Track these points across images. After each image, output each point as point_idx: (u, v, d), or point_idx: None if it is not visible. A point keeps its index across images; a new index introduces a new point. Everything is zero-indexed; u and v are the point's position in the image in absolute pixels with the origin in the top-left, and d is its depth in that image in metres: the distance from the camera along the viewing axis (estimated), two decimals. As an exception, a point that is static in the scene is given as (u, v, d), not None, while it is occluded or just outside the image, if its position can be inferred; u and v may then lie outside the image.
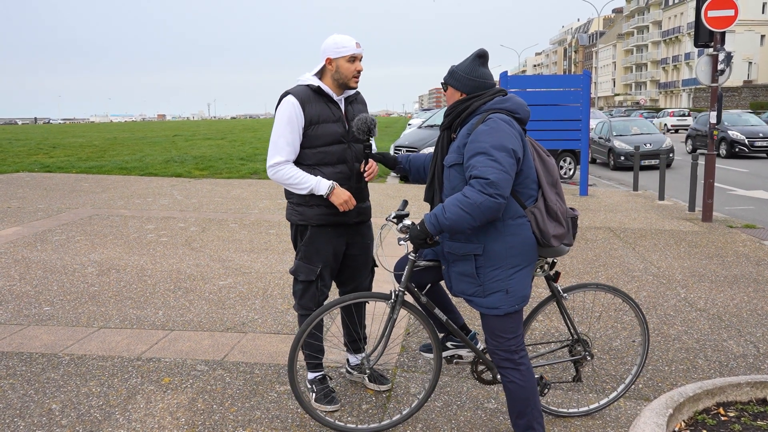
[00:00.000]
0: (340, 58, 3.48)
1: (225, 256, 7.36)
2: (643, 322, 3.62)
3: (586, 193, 12.98)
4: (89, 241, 8.07)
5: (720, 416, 2.25)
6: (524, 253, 2.90)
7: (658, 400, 2.23)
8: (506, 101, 2.93)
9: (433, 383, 3.40)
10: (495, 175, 2.68)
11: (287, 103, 3.48)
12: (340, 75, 3.51)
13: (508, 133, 2.79)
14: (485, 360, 3.31)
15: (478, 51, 2.98)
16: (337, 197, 3.46)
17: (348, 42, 3.49)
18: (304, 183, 3.46)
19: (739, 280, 6.56)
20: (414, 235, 2.92)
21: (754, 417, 2.25)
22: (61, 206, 10.86)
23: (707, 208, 9.95)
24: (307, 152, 3.52)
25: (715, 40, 9.78)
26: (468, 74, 2.96)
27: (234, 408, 3.70)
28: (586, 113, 12.71)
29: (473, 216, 2.71)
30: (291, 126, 3.47)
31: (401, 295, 3.17)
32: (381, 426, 3.39)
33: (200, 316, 5.26)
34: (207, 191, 13.06)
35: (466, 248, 2.92)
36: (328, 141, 3.51)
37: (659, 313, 5.48)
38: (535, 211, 2.90)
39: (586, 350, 3.50)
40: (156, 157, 20.73)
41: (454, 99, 3.02)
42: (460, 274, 2.97)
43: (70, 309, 5.42)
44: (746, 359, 4.51)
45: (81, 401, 3.76)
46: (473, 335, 3.39)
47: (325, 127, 3.50)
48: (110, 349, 4.55)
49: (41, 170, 16.97)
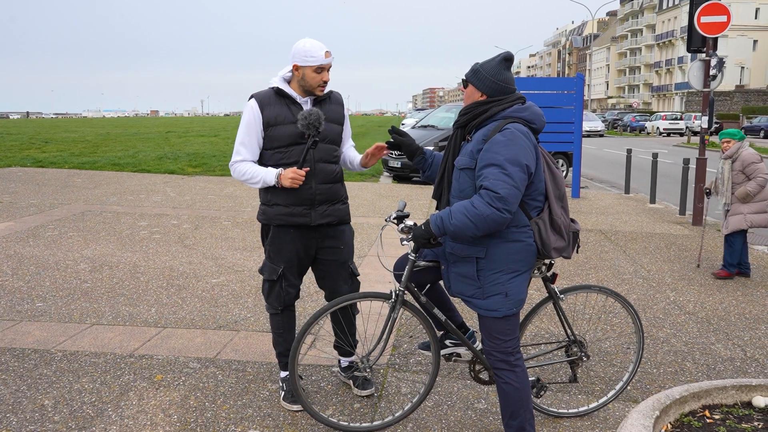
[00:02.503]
0: (307, 67, 3.46)
1: (218, 253, 7.37)
2: (639, 325, 3.67)
3: (578, 195, 13.05)
4: (82, 237, 8.06)
5: (705, 419, 2.30)
6: (525, 259, 2.94)
7: (645, 402, 2.27)
8: (525, 110, 2.93)
9: (431, 382, 3.43)
10: (505, 191, 2.71)
11: (247, 106, 3.57)
12: (305, 82, 3.52)
13: (524, 146, 2.80)
14: (483, 360, 3.35)
15: (504, 54, 2.97)
16: (284, 179, 3.45)
17: (317, 51, 3.44)
18: (256, 176, 3.52)
19: (728, 284, 6.63)
20: (418, 234, 2.95)
21: (738, 420, 2.30)
22: (53, 202, 10.84)
23: (697, 212, 10.03)
24: (266, 153, 3.58)
25: (707, 46, 9.86)
26: (492, 76, 2.93)
27: (226, 406, 3.72)
28: (579, 116, 12.79)
29: (478, 226, 2.74)
30: (248, 128, 3.54)
31: (401, 295, 3.21)
32: (373, 426, 3.41)
33: (193, 314, 5.27)
34: (200, 188, 13.05)
35: (468, 250, 2.95)
36: (285, 142, 3.52)
37: (648, 316, 5.53)
38: (539, 222, 2.93)
39: (582, 351, 3.55)
40: (149, 154, 20.70)
41: (474, 99, 3.00)
42: (461, 275, 3.01)
43: (62, 305, 5.43)
44: (733, 362, 4.56)
45: (73, 397, 3.77)
46: (471, 334, 3.44)
47: (282, 128, 3.51)
48: (103, 345, 4.57)
49: (33, 165, 16.92)
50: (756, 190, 6.65)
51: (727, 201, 6.84)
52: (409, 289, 3.24)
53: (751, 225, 6.70)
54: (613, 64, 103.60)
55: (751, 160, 6.67)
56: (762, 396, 2.40)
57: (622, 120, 56.50)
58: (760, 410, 2.37)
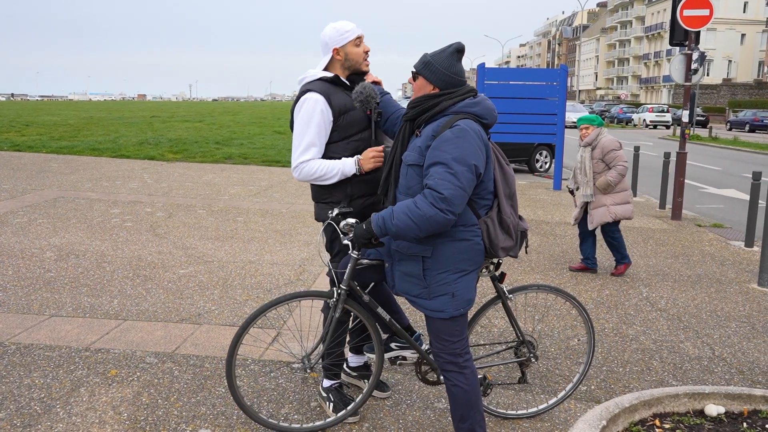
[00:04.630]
0: (347, 44, 3.35)
1: (189, 243, 7.25)
2: (588, 321, 3.59)
3: (559, 187, 13.00)
4: (51, 225, 7.90)
5: (655, 428, 2.22)
6: (472, 258, 2.84)
7: (593, 410, 2.19)
8: (476, 105, 2.81)
9: (372, 384, 3.34)
10: (449, 191, 2.60)
11: (311, 101, 3.27)
12: (350, 61, 3.37)
13: (473, 145, 2.68)
14: (429, 360, 3.26)
15: (456, 45, 2.85)
16: (366, 162, 3.29)
17: (348, 25, 3.35)
18: (332, 170, 3.28)
19: (702, 280, 6.59)
20: (359, 234, 2.84)
21: (689, 429, 2.22)
22: (26, 187, 10.64)
23: (677, 206, 10.00)
24: (341, 144, 3.34)
25: (689, 39, 9.79)
26: (445, 69, 2.82)
27: (179, 403, 3.62)
28: (563, 107, 12.71)
29: (420, 227, 2.64)
30: (318, 125, 3.27)
31: (343, 294, 3.11)
32: (315, 426, 3.32)
33: (156, 306, 5.16)
34: (178, 175, 12.88)
35: (414, 248, 2.85)
36: (360, 127, 3.37)
37: (619, 313, 5.48)
38: (488, 221, 2.83)
39: (531, 352, 3.46)
40: (130, 139, 20.44)
41: (424, 92, 2.88)
42: (406, 274, 2.91)
43: (22, 295, 5.29)
44: (701, 362, 4.52)
45: (22, 393, 3.66)
46: (418, 336, 3.34)
47: (352, 114, 3.35)
48: (59, 338, 4.45)
49: (10, 149, 16.65)
50: (617, 180, 6.41)
51: (588, 192, 6.51)
52: (351, 288, 3.13)
53: (616, 217, 6.45)
54: (602, 55, 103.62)
55: (610, 147, 6.46)
56: (714, 404, 2.33)
57: (609, 111, 56.51)
58: (712, 419, 2.30)
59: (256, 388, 3.83)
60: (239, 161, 15.69)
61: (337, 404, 3.44)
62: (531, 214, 9.96)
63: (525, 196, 11.85)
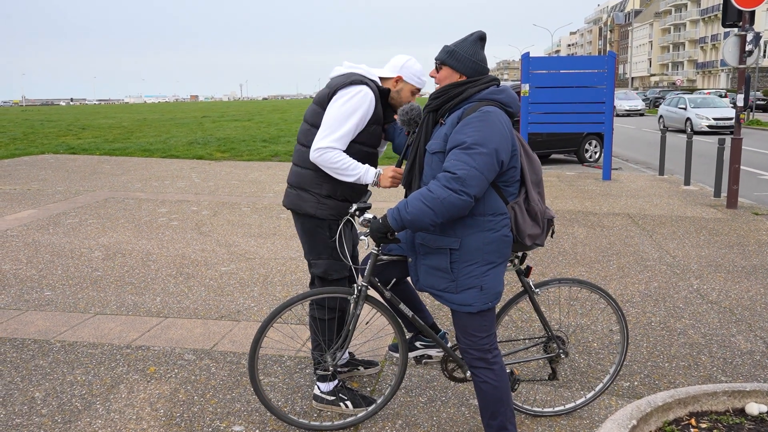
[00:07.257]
0: (409, 85, 3.41)
1: (232, 240, 7.33)
2: (622, 318, 3.45)
3: (609, 177, 12.67)
4: (100, 225, 8.11)
5: (690, 427, 2.11)
6: (500, 250, 2.76)
7: (623, 409, 2.09)
8: (500, 92, 2.75)
9: (396, 384, 3.28)
10: (463, 171, 2.53)
11: (366, 95, 3.25)
12: (397, 96, 3.42)
13: (497, 130, 2.61)
14: (455, 357, 3.19)
15: (479, 33, 2.80)
16: (384, 179, 3.29)
17: (424, 76, 3.40)
18: (355, 170, 3.23)
19: (758, 271, 6.31)
20: (375, 228, 2.79)
21: (728, 429, 2.10)
22: (79, 189, 10.96)
23: (732, 194, 9.62)
24: (353, 146, 3.31)
25: (743, 20, 9.39)
26: (471, 56, 2.77)
27: (215, 400, 3.65)
28: (611, 95, 12.37)
29: (435, 212, 2.57)
30: (358, 119, 3.24)
31: (364, 290, 3.06)
32: (334, 426, 3.29)
33: (197, 303, 5.23)
34: (225, 174, 13.07)
35: (441, 241, 2.78)
36: (374, 143, 3.39)
37: (668, 306, 5.29)
38: (515, 207, 2.76)
39: (561, 348, 3.35)
40: (180, 139, 20.85)
41: (451, 80, 2.82)
42: (433, 268, 2.84)
43: (70, 294, 5.44)
44: (753, 356, 4.31)
45: (64, 390, 3.75)
46: (443, 335, 3.27)
47: (378, 129, 3.37)
48: (102, 336, 4.54)
49: (66, 152, 17.19)
50: None
51: None
52: (372, 284, 3.08)
53: None
54: (656, 40, 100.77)
55: None
56: (756, 402, 2.20)
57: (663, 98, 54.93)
58: (753, 418, 2.16)
59: (291, 385, 3.83)
60: (285, 159, 15.82)
61: (353, 400, 3.43)
62: (578, 205, 9.74)
63: (573, 187, 11.59)
